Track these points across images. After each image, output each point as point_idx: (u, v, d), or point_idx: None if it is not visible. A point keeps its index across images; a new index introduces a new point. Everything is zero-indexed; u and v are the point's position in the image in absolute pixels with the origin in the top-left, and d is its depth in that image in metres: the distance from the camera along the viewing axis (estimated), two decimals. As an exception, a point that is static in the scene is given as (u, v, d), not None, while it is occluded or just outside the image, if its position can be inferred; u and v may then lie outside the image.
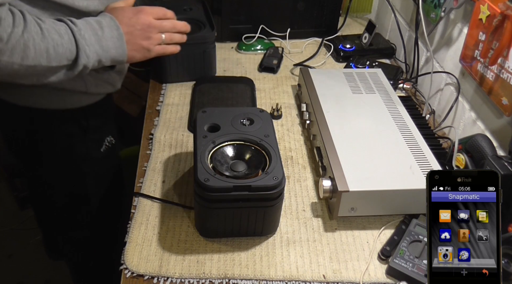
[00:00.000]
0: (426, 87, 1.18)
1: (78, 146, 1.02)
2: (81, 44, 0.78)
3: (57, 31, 0.76)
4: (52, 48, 0.75)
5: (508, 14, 0.83)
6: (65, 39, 0.76)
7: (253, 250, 0.79)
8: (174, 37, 0.94)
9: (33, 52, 0.73)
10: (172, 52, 0.95)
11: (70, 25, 0.78)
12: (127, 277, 0.75)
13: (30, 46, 0.72)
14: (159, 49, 0.92)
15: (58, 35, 0.75)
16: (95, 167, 1.08)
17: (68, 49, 0.77)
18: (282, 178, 0.73)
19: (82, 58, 0.78)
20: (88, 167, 1.06)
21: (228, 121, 0.84)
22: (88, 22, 0.80)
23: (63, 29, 0.77)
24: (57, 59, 0.76)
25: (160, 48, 0.92)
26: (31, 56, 0.73)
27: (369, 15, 1.63)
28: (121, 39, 0.83)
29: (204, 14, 1.24)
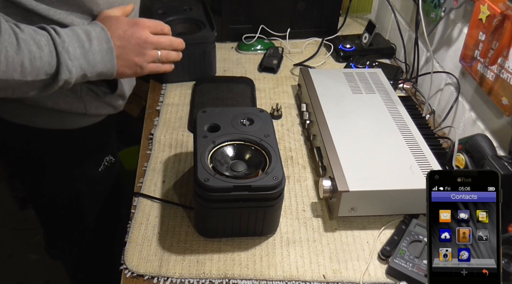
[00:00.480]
0: (426, 87, 1.18)
1: (75, 165, 0.99)
2: (63, 58, 0.70)
3: (36, 42, 0.68)
4: (28, 61, 0.67)
5: (508, 14, 0.83)
6: (44, 51, 0.68)
7: (253, 250, 0.79)
8: (170, 56, 0.86)
9: (5, 66, 0.65)
10: (165, 71, 0.88)
11: (53, 35, 0.70)
12: (127, 277, 0.75)
13: (1, 59, 0.64)
14: (152, 67, 0.84)
15: (36, 47, 0.67)
16: (92, 185, 1.05)
17: (47, 63, 0.69)
18: (282, 178, 0.73)
19: (63, 73, 0.70)
20: (84, 186, 1.03)
21: (228, 121, 0.84)
22: (74, 32, 0.73)
23: (43, 40, 0.69)
24: (33, 73, 0.68)
25: (154, 66, 0.84)
26: (2, 69, 0.65)
27: (369, 15, 1.63)
28: (110, 53, 0.75)
29: (204, 14, 1.24)
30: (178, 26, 1.22)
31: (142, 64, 0.81)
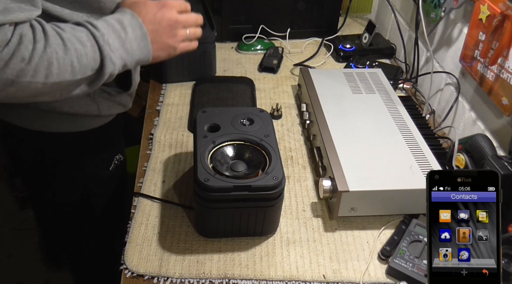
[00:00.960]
0: (426, 87, 1.18)
1: (87, 166, 0.99)
2: (106, 51, 0.69)
3: (78, 40, 0.67)
4: (76, 59, 0.67)
5: (508, 14, 0.83)
6: (88, 47, 0.68)
7: (253, 250, 0.79)
8: (197, 32, 0.86)
9: (57, 68, 0.65)
10: (193, 49, 0.87)
11: (92, 30, 0.70)
12: (127, 277, 0.75)
13: (53, 62, 0.64)
14: (183, 47, 0.84)
15: (80, 44, 0.67)
16: (103, 185, 1.05)
17: (92, 59, 0.69)
18: (282, 178, 0.73)
19: (108, 67, 0.70)
20: (96, 186, 1.03)
21: (228, 121, 0.84)
22: (109, 24, 0.72)
23: (84, 36, 0.68)
24: (82, 71, 0.68)
25: (185, 45, 0.84)
26: (55, 72, 0.65)
27: (369, 15, 1.63)
28: (145, 39, 0.75)
29: (204, 14, 1.24)
30: None
31: (175, 45, 0.81)
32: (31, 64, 0.62)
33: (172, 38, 0.80)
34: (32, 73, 0.63)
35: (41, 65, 0.63)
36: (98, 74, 0.71)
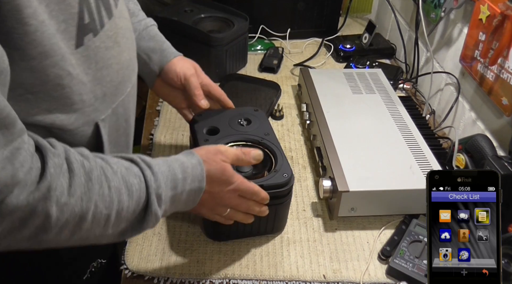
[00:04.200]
0: (426, 87, 1.18)
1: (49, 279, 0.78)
2: (153, 206, 0.56)
3: (127, 188, 0.54)
4: (115, 213, 0.53)
5: (508, 14, 0.83)
6: (134, 199, 0.54)
7: (253, 250, 0.79)
8: (236, 216, 0.72)
9: (89, 224, 0.51)
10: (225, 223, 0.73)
11: (148, 176, 0.56)
12: (127, 277, 0.75)
13: (88, 218, 0.50)
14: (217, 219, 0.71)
15: (127, 195, 0.53)
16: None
17: (132, 211, 0.55)
18: (291, 174, 0.74)
19: (147, 223, 0.57)
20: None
21: (225, 123, 0.84)
22: (171, 169, 0.59)
23: (136, 184, 0.55)
24: (116, 225, 0.54)
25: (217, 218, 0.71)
26: (85, 228, 0.51)
27: (369, 15, 1.63)
28: (197, 196, 0.63)
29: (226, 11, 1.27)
30: (208, 24, 1.24)
31: (204, 214, 0.70)
32: (58, 222, 0.47)
33: (209, 211, 0.69)
34: (58, 230, 0.48)
35: (71, 222, 0.49)
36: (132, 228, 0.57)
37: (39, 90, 0.52)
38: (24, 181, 0.44)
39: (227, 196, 0.67)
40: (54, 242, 0.50)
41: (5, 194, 0.43)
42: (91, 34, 0.56)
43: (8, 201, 0.43)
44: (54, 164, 0.47)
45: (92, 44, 0.57)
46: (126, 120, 0.71)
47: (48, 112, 0.54)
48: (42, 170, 0.46)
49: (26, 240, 0.48)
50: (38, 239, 0.48)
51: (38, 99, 0.52)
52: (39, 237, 0.48)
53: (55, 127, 0.56)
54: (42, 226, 0.47)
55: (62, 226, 0.48)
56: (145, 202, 0.56)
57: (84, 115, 0.59)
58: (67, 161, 0.49)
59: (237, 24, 1.22)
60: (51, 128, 0.56)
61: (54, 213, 0.47)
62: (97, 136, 0.63)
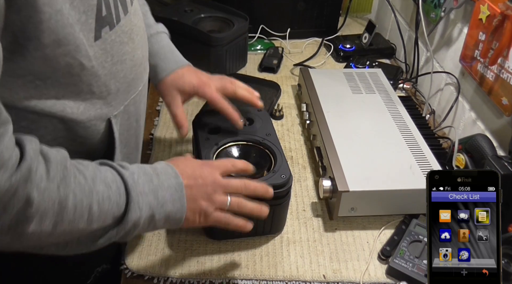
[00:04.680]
0: (426, 87, 1.18)
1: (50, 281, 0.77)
2: (134, 193, 0.56)
3: (103, 180, 0.54)
4: (97, 204, 0.53)
5: (508, 14, 0.83)
6: (112, 189, 0.55)
7: (253, 250, 0.79)
8: (243, 205, 0.67)
9: (72, 214, 0.51)
10: (238, 228, 0.67)
11: (119, 169, 0.57)
12: (127, 277, 0.75)
13: (68, 206, 0.50)
14: (220, 218, 0.65)
15: (104, 185, 0.54)
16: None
17: (115, 203, 0.55)
18: (289, 175, 0.74)
19: (132, 213, 0.56)
20: None
21: (227, 122, 0.84)
22: (139, 166, 0.60)
23: (109, 176, 0.56)
24: (101, 218, 0.54)
25: (222, 217, 0.66)
26: (67, 219, 0.50)
27: (369, 15, 1.63)
28: (180, 191, 0.61)
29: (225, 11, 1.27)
30: (208, 24, 1.24)
31: (207, 211, 0.64)
32: (39, 208, 0.47)
33: (206, 201, 0.64)
34: (39, 219, 0.48)
35: (50, 210, 0.49)
36: (118, 223, 0.56)
37: (49, 76, 0.52)
38: (6, 164, 0.44)
39: (208, 172, 0.65)
40: (36, 236, 0.49)
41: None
42: (108, 27, 0.57)
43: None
44: (32, 148, 0.48)
45: (108, 38, 0.57)
46: (137, 121, 0.71)
47: (56, 99, 0.55)
48: (21, 155, 0.47)
49: (6, 231, 0.47)
50: (19, 230, 0.48)
51: (47, 85, 0.53)
52: (20, 227, 0.47)
53: (67, 118, 0.56)
54: (23, 212, 0.47)
55: (42, 214, 0.48)
56: (125, 191, 0.56)
57: (94, 107, 0.59)
58: (41, 150, 0.50)
59: (237, 24, 1.22)
60: (63, 119, 0.56)
61: (35, 198, 0.47)
62: (110, 133, 0.64)
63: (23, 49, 0.48)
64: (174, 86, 0.82)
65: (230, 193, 0.66)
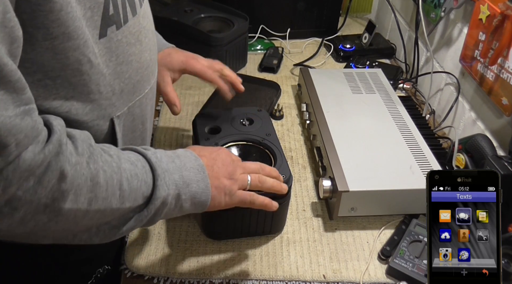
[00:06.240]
0: (426, 87, 1.18)
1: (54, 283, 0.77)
2: (159, 171, 0.57)
3: (127, 159, 0.55)
4: (126, 181, 0.53)
5: (508, 14, 0.83)
6: (138, 167, 0.55)
7: (253, 250, 0.79)
8: (264, 180, 0.68)
9: (104, 191, 0.51)
10: (264, 207, 0.69)
11: (141, 150, 0.59)
12: (127, 277, 0.75)
13: (100, 182, 0.51)
14: (245, 196, 0.67)
15: (130, 163, 0.55)
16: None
17: (143, 182, 0.55)
18: (289, 175, 0.74)
19: (161, 190, 0.56)
20: None
21: (227, 122, 0.84)
22: (160, 150, 0.61)
23: (133, 156, 0.57)
24: (132, 197, 0.54)
25: (247, 195, 0.67)
26: (101, 196, 0.51)
27: (369, 15, 1.63)
28: (202, 171, 0.62)
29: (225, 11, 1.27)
30: (208, 24, 1.24)
31: (231, 189, 0.65)
32: (73, 183, 0.48)
33: (229, 179, 0.65)
34: (74, 196, 0.48)
35: (84, 186, 0.49)
36: (148, 201, 0.56)
37: (58, 74, 0.52)
38: (38, 137, 0.45)
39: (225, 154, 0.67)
40: (72, 214, 0.49)
41: (24, 146, 0.44)
42: (114, 27, 0.57)
43: (24, 155, 0.44)
44: (59, 124, 0.49)
45: (114, 37, 0.57)
46: (143, 123, 0.71)
47: (65, 99, 0.55)
48: (49, 131, 0.48)
49: (42, 209, 0.47)
50: (56, 207, 0.47)
51: (57, 85, 0.53)
52: (56, 204, 0.47)
53: (70, 118, 0.56)
54: (58, 187, 0.47)
55: (77, 190, 0.48)
56: (150, 168, 0.57)
57: (100, 108, 0.59)
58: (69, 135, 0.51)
59: (237, 24, 1.22)
60: (66, 118, 0.56)
61: (69, 171, 0.47)
62: (112, 133, 0.63)
63: (32, 37, 0.48)
64: (163, 65, 0.83)
65: (249, 172, 0.68)
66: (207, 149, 0.68)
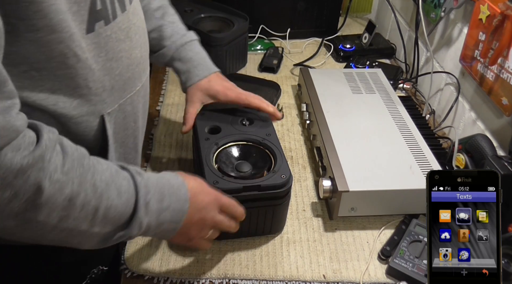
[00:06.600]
0: (426, 87, 1.18)
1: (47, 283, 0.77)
2: (140, 212, 0.56)
3: (117, 187, 0.54)
4: (103, 210, 0.52)
5: (508, 14, 0.83)
6: (122, 200, 0.54)
7: (253, 250, 0.79)
8: (214, 235, 0.71)
9: (78, 212, 0.50)
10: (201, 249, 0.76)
11: (137, 179, 0.56)
12: (127, 277, 0.75)
13: (77, 204, 0.49)
14: (197, 244, 0.70)
15: (116, 193, 0.53)
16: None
17: (119, 214, 0.54)
18: (289, 176, 0.74)
19: (133, 229, 0.56)
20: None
21: (228, 122, 0.84)
22: (159, 182, 0.60)
23: (125, 185, 0.55)
24: (102, 224, 0.53)
25: (198, 243, 0.70)
26: (72, 216, 0.50)
27: (369, 15, 1.63)
28: (181, 216, 0.62)
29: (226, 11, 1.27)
30: (208, 24, 1.24)
31: (194, 238, 0.68)
32: (49, 200, 0.47)
33: (197, 232, 0.67)
34: (48, 211, 0.48)
35: (60, 205, 0.48)
36: (114, 233, 0.56)
37: (44, 66, 0.52)
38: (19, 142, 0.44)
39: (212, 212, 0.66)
40: (40, 226, 0.49)
41: None
42: (103, 22, 0.57)
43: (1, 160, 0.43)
44: (49, 137, 0.48)
45: (103, 32, 0.57)
46: (135, 121, 0.71)
47: (51, 92, 0.54)
48: (36, 140, 0.47)
49: (13, 216, 0.47)
50: (27, 216, 0.47)
51: (42, 77, 0.53)
52: (28, 215, 0.47)
53: (58, 112, 0.56)
54: (33, 200, 0.46)
55: (52, 206, 0.48)
56: (133, 206, 0.55)
57: (89, 103, 0.59)
58: (60, 144, 0.50)
59: (237, 24, 1.22)
60: (55, 113, 0.56)
61: (47, 187, 0.46)
62: (102, 130, 0.63)
63: (16, 29, 0.47)
64: (199, 89, 0.85)
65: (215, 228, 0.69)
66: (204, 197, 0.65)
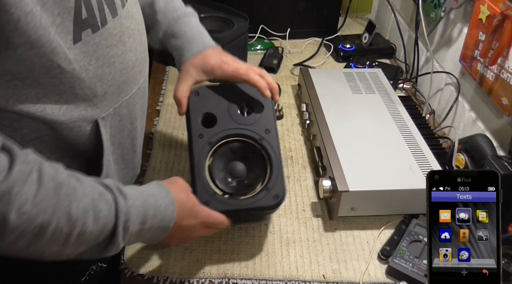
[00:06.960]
0: (426, 87, 1.18)
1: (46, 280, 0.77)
2: (117, 239, 0.54)
3: (95, 213, 0.52)
4: (76, 235, 0.51)
5: (508, 14, 0.83)
6: (98, 226, 0.52)
7: (253, 250, 0.79)
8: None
9: (48, 239, 0.49)
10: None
11: (120, 206, 0.55)
12: (127, 276, 0.75)
13: (47, 233, 0.48)
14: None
15: (93, 220, 0.51)
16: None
17: (94, 238, 0.53)
18: (283, 195, 0.71)
19: (108, 251, 0.56)
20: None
21: (225, 108, 0.77)
22: (144, 204, 0.58)
23: (104, 211, 0.53)
24: (73, 247, 0.52)
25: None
26: (42, 242, 0.48)
27: (369, 15, 1.63)
28: (162, 234, 0.62)
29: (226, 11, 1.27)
30: (208, 24, 1.24)
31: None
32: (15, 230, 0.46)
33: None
34: (13, 238, 0.46)
35: (29, 233, 0.47)
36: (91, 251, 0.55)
37: (26, 76, 0.52)
38: None
39: (194, 229, 0.67)
40: (7, 250, 0.48)
41: None
42: (90, 30, 0.56)
43: None
44: (20, 170, 0.46)
45: (91, 40, 0.57)
46: (132, 123, 0.71)
47: (36, 99, 0.54)
48: (8, 168, 0.45)
49: None
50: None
51: (26, 85, 0.53)
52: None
53: (47, 118, 0.56)
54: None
55: (19, 235, 0.46)
56: (111, 231, 0.54)
57: (78, 109, 0.59)
58: (38, 172, 0.48)
59: (237, 24, 1.22)
60: (44, 119, 0.55)
61: (13, 220, 0.45)
62: (97, 134, 0.63)
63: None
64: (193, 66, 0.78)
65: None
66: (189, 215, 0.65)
